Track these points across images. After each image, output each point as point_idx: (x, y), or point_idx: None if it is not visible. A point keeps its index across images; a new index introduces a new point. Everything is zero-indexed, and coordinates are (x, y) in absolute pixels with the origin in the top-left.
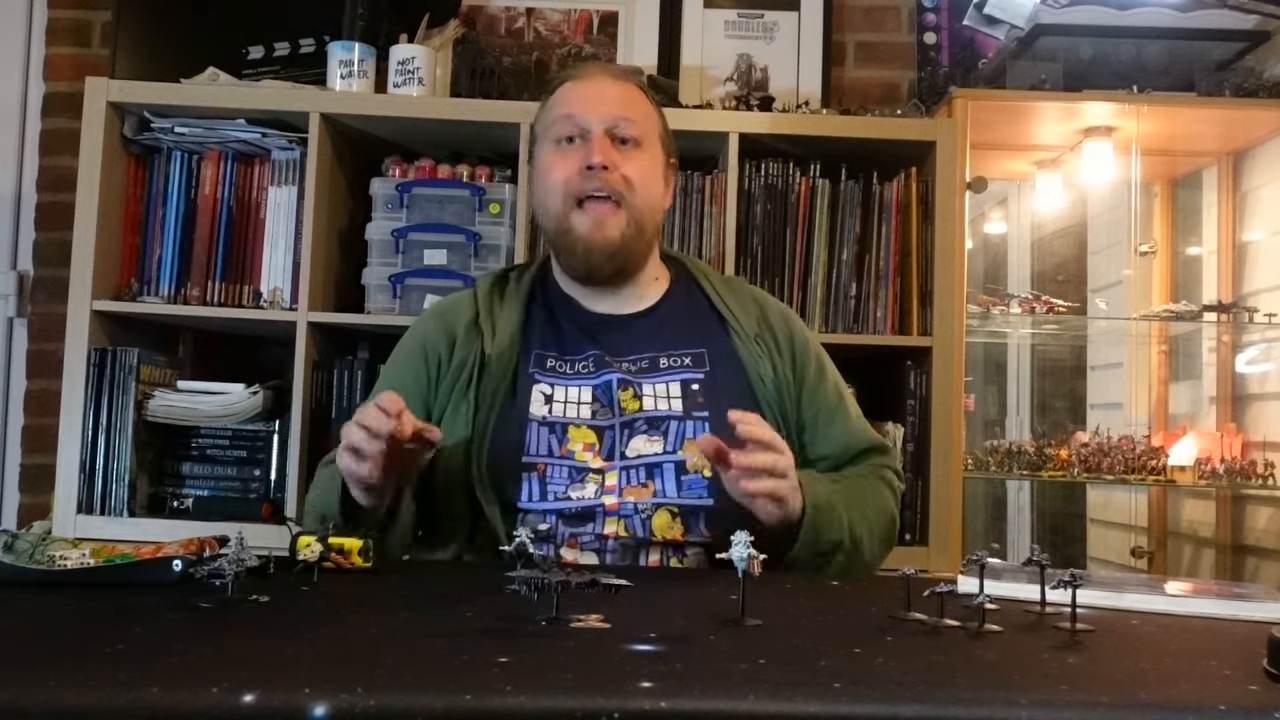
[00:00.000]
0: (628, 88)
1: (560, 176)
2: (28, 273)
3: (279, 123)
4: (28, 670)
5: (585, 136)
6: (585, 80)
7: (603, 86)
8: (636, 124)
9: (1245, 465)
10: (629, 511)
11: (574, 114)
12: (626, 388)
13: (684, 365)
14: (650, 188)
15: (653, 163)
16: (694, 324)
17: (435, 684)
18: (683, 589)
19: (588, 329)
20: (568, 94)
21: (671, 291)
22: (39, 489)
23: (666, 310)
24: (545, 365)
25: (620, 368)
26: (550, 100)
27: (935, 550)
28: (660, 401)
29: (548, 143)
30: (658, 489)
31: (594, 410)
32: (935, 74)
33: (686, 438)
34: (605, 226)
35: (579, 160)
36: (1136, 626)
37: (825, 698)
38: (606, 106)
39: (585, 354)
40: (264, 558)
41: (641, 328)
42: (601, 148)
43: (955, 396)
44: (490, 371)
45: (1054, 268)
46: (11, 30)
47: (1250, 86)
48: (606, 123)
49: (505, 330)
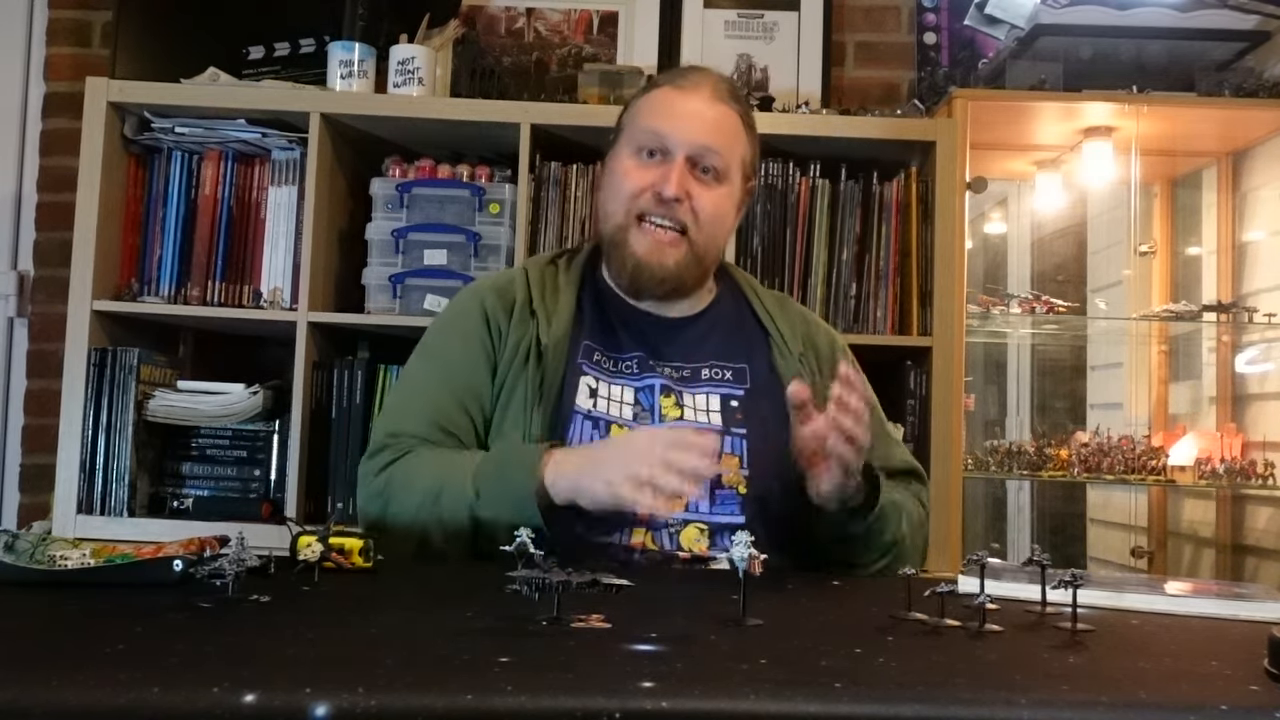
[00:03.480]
0: (725, 112)
1: (631, 188)
2: (28, 273)
3: (279, 123)
4: (28, 670)
5: (667, 155)
6: (685, 92)
7: (701, 105)
8: (722, 156)
9: (1245, 465)
10: (658, 523)
11: (662, 131)
12: (669, 394)
13: (725, 380)
14: (719, 222)
15: (729, 196)
16: (739, 336)
17: (435, 684)
18: (683, 589)
19: (634, 328)
20: (663, 103)
21: (719, 301)
22: (39, 489)
23: (713, 318)
24: (593, 359)
25: (663, 373)
26: (644, 100)
27: (935, 550)
28: (700, 414)
29: (628, 146)
30: (690, 503)
31: (635, 413)
32: (935, 74)
33: (724, 453)
34: (664, 253)
35: (654, 179)
36: (1137, 626)
37: (825, 698)
38: (697, 132)
39: (630, 354)
40: (264, 558)
41: (688, 333)
42: (679, 177)
43: (955, 396)
44: (547, 361)
45: (1054, 268)
46: (12, 30)
47: (1250, 87)
48: (691, 150)
49: (561, 320)
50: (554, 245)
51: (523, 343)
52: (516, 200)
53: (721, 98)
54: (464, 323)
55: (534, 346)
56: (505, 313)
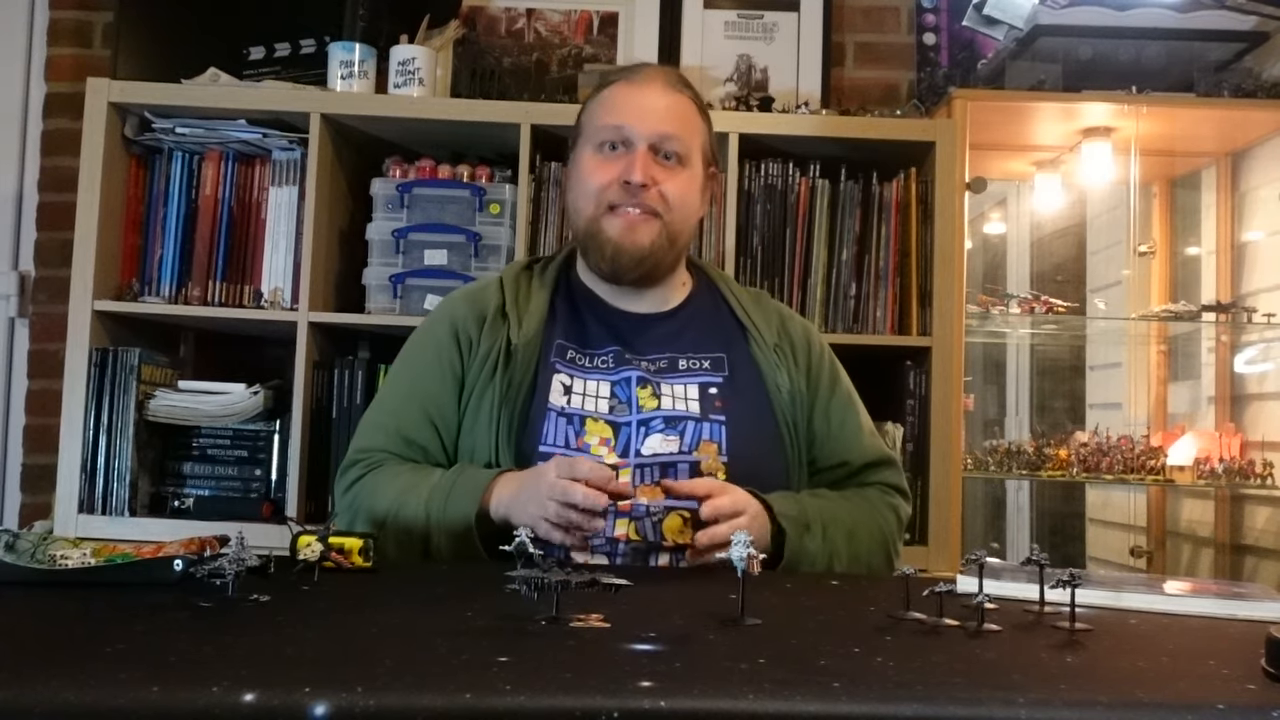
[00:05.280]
0: (679, 99)
1: (598, 183)
2: (29, 273)
3: (280, 123)
4: (28, 670)
5: (629, 146)
6: (638, 86)
7: (654, 96)
8: (682, 140)
9: (1244, 465)
10: (640, 513)
11: (621, 124)
12: (645, 385)
13: (703, 369)
14: (687, 204)
15: (692, 179)
16: (715, 329)
17: (435, 684)
18: (682, 589)
19: (610, 325)
20: (618, 99)
21: (694, 297)
22: (40, 489)
23: (689, 314)
24: (566, 356)
25: (640, 366)
26: (599, 99)
27: (934, 550)
28: (678, 402)
29: (590, 144)
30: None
31: (611, 405)
32: (935, 74)
33: (703, 439)
34: (637, 233)
35: (619, 171)
36: (1135, 626)
37: (825, 697)
38: (654, 121)
39: (606, 349)
40: (264, 557)
41: (663, 328)
42: (643, 165)
43: (955, 396)
44: (516, 361)
45: (1053, 268)
46: (13, 31)
47: (1249, 87)
48: (651, 138)
49: (531, 321)
50: (554, 245)
51: (494, 348)
52: (516, 200)
53: (674, 86)
54: (432, 336)
55: (504, 349)
56: (476, 322)
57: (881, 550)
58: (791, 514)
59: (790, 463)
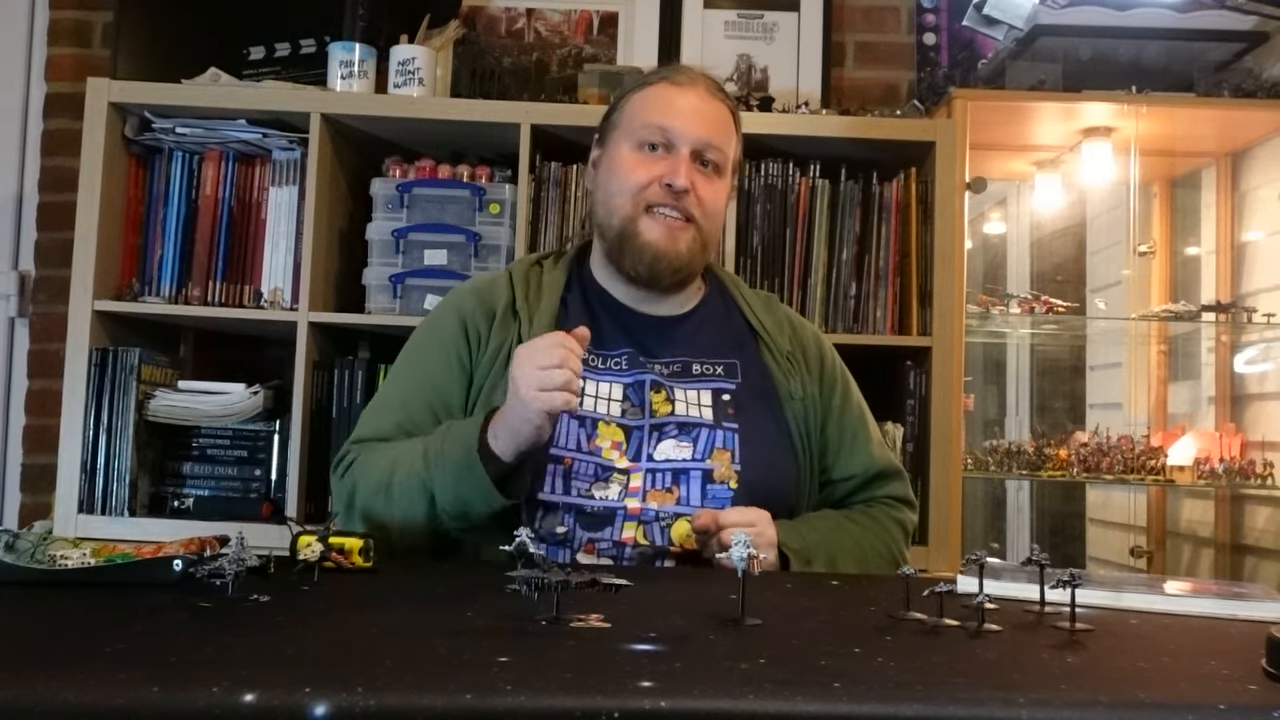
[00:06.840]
0: (720, 108)
1: (638, 180)
2: (29, 273)
3: (280, 123)
4: (28, 670)
5: (671, 150)
6: (683, 89)
7: (699, 101)
8: (721, 150)
9: (1244, 465)
10: (650, 517)
11: (667, 126)
12: (659, 390)
13: (716, 375)
14: (719, 214)
15: (725, 189)
16: (728, 334)
17: (435, 684)
18: (683, 589)
19: (625, 326)
20: (662, 100)
21: (708, 300)
22: (40, 489)
23: (703, 317)
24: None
25: (653, 369)
26: (642, 95)
27: (935, 550)
28: (692, 408)
29: (629, 140)
30: (682, 496)
31: (624, 409)
32: (935, 74)
33: (716, 447)
34: (677, 240)
35: (661, 172)
36: (1136, 626)
37: (825, 697)
38: (700, 128)
39: (620, 351)
40: (264, 557)
41: (677, 331)
42: (687, 170)
43: (955, 396)
44: None
45: (1053, 268)
46: (13, 31)
47: (1249, 87)
48: (695, 144)
49: (543, 320)
50: (554, 245)
51: (505, 345)
52: (516, 200)
53: (715, 94)
54: (440, 329)
55: (516, 346)
56: (486, 317)
57: (890, 570)
58: (795, 546)
59: (801, 471)
